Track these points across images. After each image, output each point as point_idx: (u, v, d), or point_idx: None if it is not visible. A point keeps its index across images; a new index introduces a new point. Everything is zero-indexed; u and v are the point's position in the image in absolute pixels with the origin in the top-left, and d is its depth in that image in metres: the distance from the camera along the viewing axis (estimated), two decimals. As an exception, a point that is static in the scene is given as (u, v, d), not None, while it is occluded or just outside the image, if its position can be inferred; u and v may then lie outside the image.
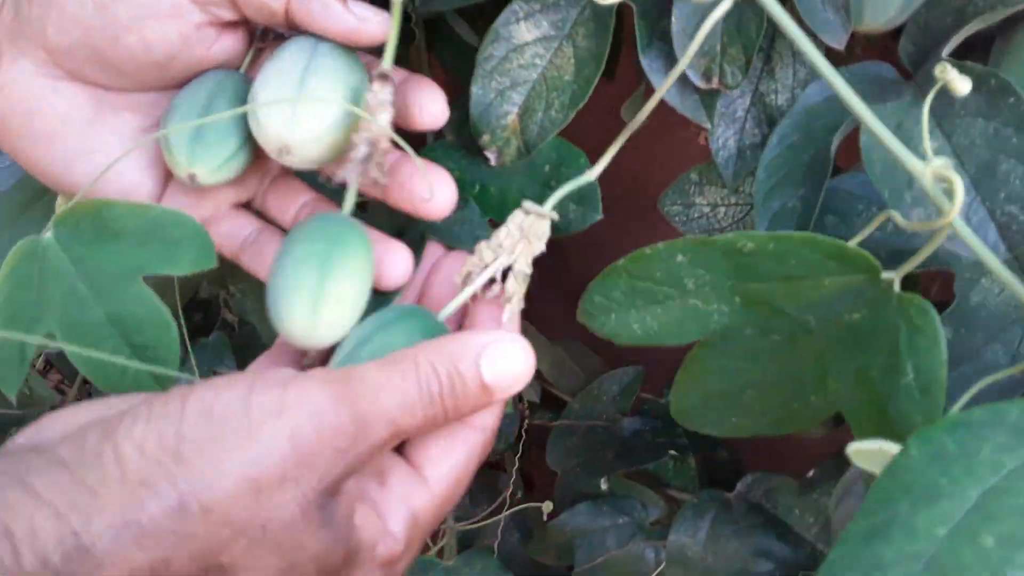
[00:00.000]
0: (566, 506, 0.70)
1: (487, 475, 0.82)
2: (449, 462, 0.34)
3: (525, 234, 0.36)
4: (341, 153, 0.37)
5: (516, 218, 0.36)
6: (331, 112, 0.36)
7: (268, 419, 0.29)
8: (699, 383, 0.40)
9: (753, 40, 0.43)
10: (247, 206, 0.43)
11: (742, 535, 0.56)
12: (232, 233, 0.41)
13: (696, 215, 0.50)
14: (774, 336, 0.37)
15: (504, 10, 0.45)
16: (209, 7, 0.37)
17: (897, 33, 0.44)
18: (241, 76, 0.40)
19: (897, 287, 0.33)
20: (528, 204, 0.37)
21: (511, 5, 0.45)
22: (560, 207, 0.41)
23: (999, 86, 0.36)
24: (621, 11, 0.46)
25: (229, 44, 0.40)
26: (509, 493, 0.74)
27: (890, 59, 0.45)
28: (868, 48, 0.50)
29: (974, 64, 0.37)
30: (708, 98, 0.46)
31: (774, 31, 0.48)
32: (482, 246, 0.36)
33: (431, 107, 0.38)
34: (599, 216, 0.43)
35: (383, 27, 0.37)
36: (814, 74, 0.46)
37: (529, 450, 0.78)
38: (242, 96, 0.38)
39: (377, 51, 0.38)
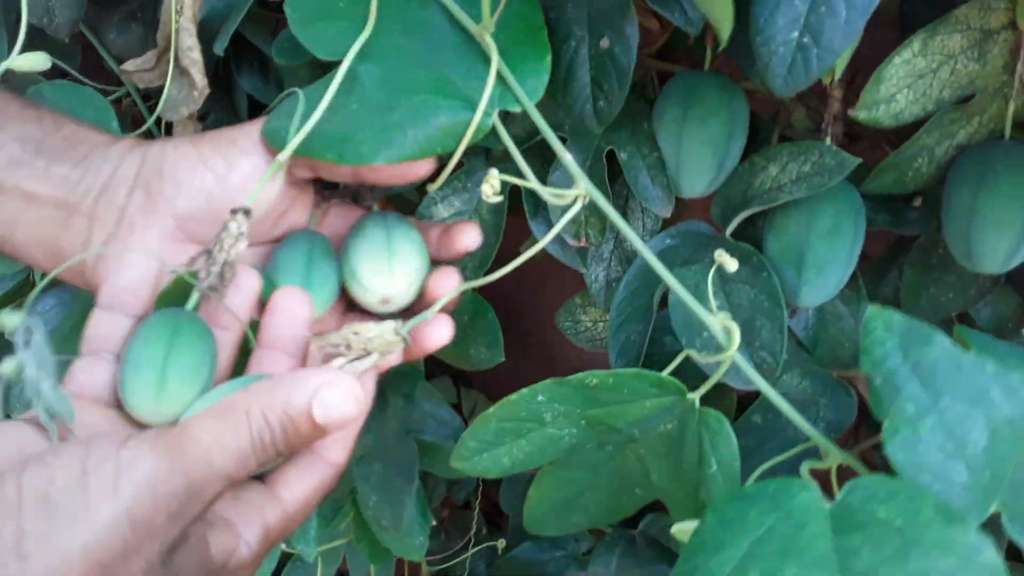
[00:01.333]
0: (518, 542, 0.86)
1: (460, 515, 0.98)
2: (302, 487, 0.38)
3: (387, 344, 0.42)
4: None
5: (388, 326, 0.42)
6: (415, 269, 0.47)
7: (105, 498, 0.29)
8: (548, 495, 0.49)
9: (603, 216, 0.59)
10: None
11: (643, 565, 0.72)
12: None
13: (582, 329, 0.66)
14: (608, 447, 0.47)
15: (423, 199, 0.61)
16: (292, 169, 0.44)
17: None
18: (323, 237, 0.48)
19: (697, 404, 0.45)
20: (400, 328, 0.43)
21: (429, 195, 0.61)
22: (474, 350, 0.57)
23: (758, 263, 0.52)
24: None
25: (301, 202, 0.48)
26: (474, 532, 0.90)
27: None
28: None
29: (744, 244, 0.54)
30: (581, 250, 0.62)
31: (628, 192, 0.64)
32: (351, 335, 0.41)
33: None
34: (502, 358, 0.59)
35: (430, 161, 0.44)
36: (653, 231, 0.62)
37: (491, 492, 0.94)
38: (331, 254, 0.47)
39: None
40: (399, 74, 0.44)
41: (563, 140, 0.59)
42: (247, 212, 0.41)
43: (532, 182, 0.44)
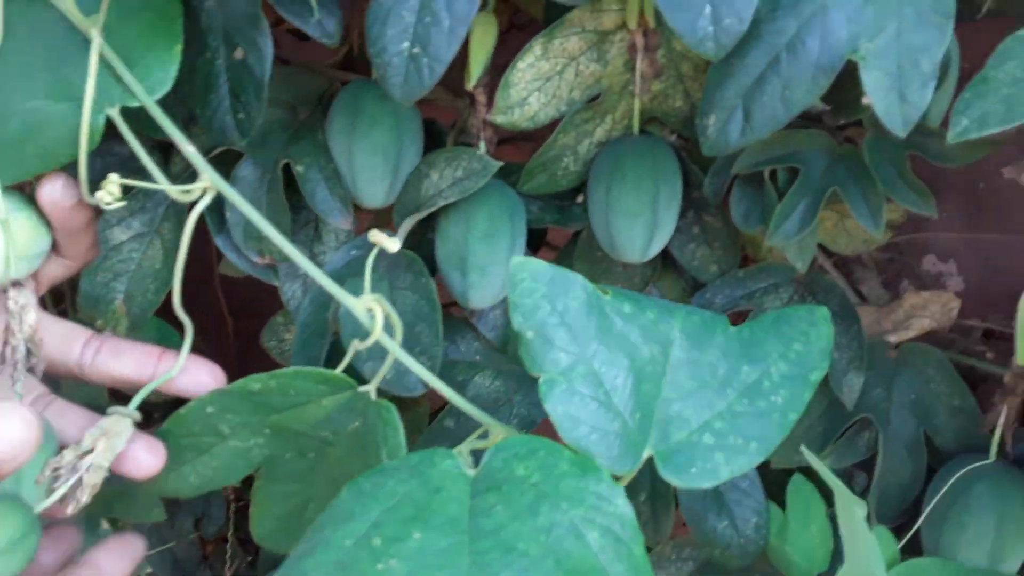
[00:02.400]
0: (270, 568, 0.84)
1: (221, 547, 0.95)
2: None
3: (106, 433, 0.40)
4: None
5: (102, 421, 0.41)
6: None
7: None
8: (267, 510, 0.47)
9: (285, 230, 0.58)
10: None
11: None
12: None
13: (287, 348, 0.65)
14: (309, 455, 0.45)
15: (99, 220, 0.59)
16: None
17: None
18: None
19: (373, 396, 0.42)
20: (113, 408, 0.42)
21: (104, 215, 0.59)
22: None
23: (419, 269, 0.53)
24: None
25: None
26: (231, 565, 0.88)
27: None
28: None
29: (408, 251, 0.54)
30: (271, 267, 0.61)
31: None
32: (68, 451, 0.39)
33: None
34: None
35: None
36: (346, 242, 0.62)
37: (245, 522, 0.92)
38: None
39: None
40: (8, 82, 0.42)
41: (240, 154, 0.58)
42: (17, 283, 0.40)
43: (161, 182, 0.43)
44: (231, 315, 0.88)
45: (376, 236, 0.43)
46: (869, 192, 0.47)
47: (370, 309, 0.42)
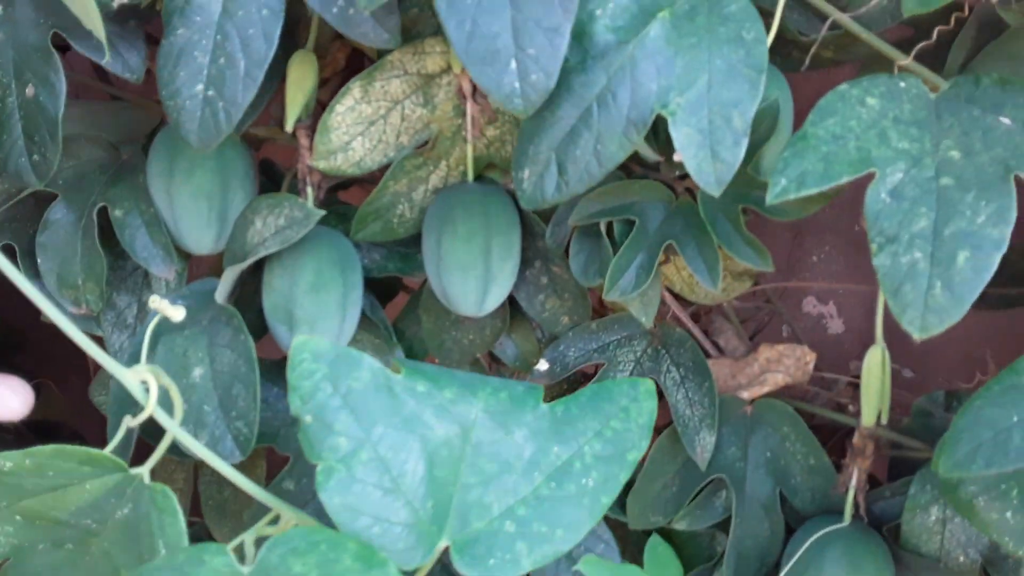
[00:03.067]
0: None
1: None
2: None
3: None
4: None
5: None
6: None
7: None
8: None
9: (101, 278, 0.53)
10: None
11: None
12: None
13: (115, 402, 0.61)
14: (67, 546, 0.41)
15: None
16: None
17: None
18: None
19: (147, 479, 0.38)
20: None
21: None
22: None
23: (238, 325, 0.48)
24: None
25: None
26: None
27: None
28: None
29: (229, 307, 0.50)
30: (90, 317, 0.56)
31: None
32: None
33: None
34: None
35: None
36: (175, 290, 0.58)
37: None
38: None
39: None
40: None
41: (54, 196, 0.54)
42: None
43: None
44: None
45: (157, 303, 0.39)
46: (705, 246, 0.45)
47: (144, 381, 0.38)
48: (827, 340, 0.77)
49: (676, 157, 0.37)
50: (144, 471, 0.38)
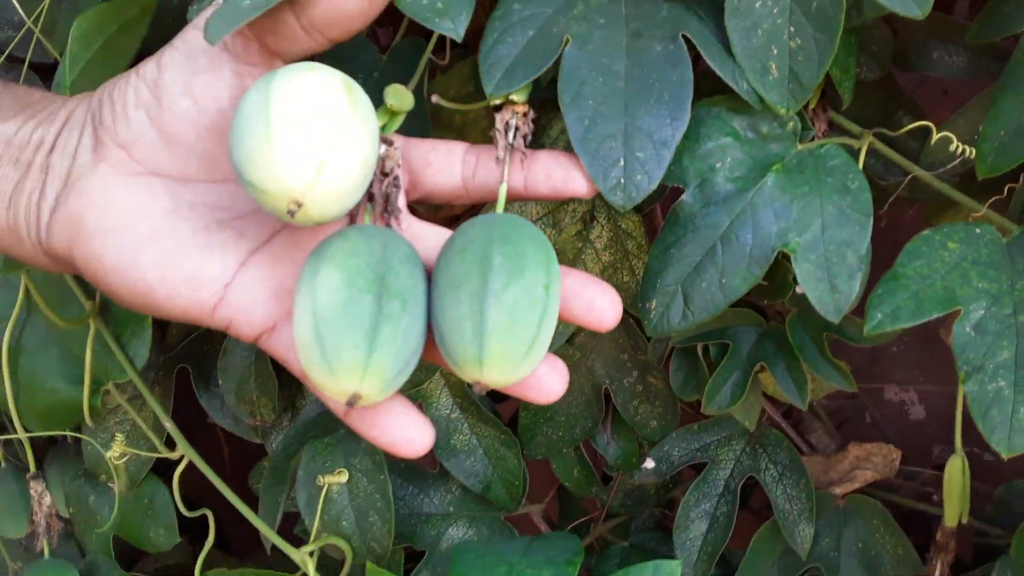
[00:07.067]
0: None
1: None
2: None
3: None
4: None
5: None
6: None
7: None
8: None
9: (274, 394, 0.63)
10: None
11: None
12: None
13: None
14: None
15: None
16: (240, 56, 0.36)
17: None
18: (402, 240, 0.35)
19: None
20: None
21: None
22: (153, 532, 0.59)
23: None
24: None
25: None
26: None
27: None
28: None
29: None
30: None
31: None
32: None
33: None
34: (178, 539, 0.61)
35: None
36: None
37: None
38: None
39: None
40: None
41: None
42: (389, 142, 0.37)
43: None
44: (226, 442, 0.93)
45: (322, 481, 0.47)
46: (793, 367, 0.51)
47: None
48: (909, 426, 0.82)
49: (798, 289, 0.42)
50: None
